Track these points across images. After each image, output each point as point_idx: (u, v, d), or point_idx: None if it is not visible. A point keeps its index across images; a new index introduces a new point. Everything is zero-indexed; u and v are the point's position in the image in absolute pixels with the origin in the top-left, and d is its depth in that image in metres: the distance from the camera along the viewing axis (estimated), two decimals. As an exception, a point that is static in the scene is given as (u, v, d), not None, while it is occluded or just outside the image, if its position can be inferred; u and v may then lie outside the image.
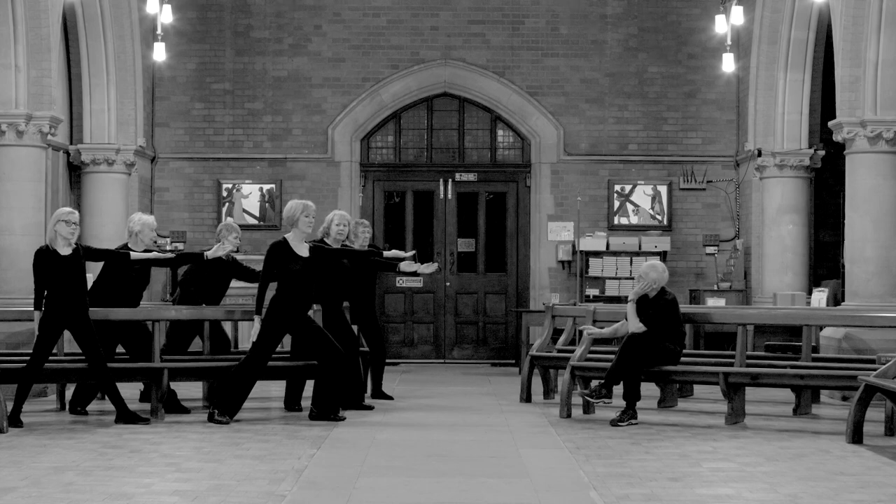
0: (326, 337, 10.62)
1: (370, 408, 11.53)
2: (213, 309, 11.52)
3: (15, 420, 10.00)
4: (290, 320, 10.55)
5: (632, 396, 10.53)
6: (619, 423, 10.34)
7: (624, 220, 17.53)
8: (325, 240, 11.43)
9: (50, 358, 10.46)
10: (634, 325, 10.76)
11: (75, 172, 16.29)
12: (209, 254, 11.28)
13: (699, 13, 17.46)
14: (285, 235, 10.74)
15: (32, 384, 10.56)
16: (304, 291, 10.59)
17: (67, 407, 11.26)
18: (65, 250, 10.22)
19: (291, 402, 11.44)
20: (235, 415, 10.46)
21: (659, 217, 17.54)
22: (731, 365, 10.94)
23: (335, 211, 11.74)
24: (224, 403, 10.43)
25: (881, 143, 12.77)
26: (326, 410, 10.55)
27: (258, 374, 10.68)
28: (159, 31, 16.15)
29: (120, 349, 11.32)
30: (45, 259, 10.18)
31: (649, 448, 9.13)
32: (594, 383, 10.91)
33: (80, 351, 10.54)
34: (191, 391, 11.94)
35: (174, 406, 11.07)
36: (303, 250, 10.61)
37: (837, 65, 13.02)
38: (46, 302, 10.21)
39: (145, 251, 11.16)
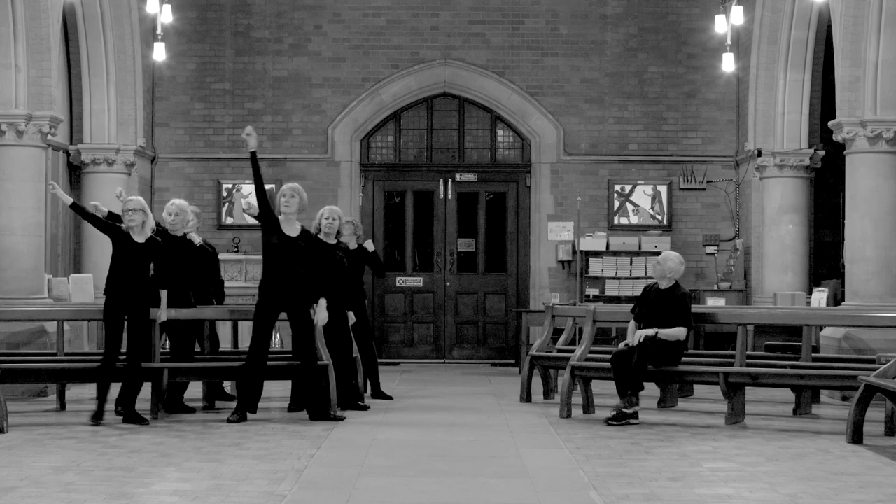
0: (309, 337, 10.63)
1: (366, 407, 11.49)
2: (213, 309, 11.52)
3: (99, 417, 10.08)
4: (275, 301, 10.60)
5: (634, 387, 10.44)
6: (625, 410, 10.29)
7: (624, 220, 17.53)
8: (318, 236, 11.44)
9: (50, 358, 10.45)
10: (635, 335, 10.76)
11: (75, 172, 16.29)
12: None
13: (699, 13, 17.46)
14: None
15: (110, 381, 10.38)
16: (285, 272, 10.64)
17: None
18: (139, 238, 10.29)
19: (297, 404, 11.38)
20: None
21: (659, 217, 17.53)
22: (731, 365, 10.93)
23: (326, 206, 11.85)
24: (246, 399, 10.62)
25: (881, 143, 12.77)
26: (324, 411, 10.53)
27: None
28: (159, 31, 16.16)
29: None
30: (122, 240, 10.22)
31: (649, 448, 9.13)
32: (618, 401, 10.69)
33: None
34: (191, 391, 11.92)
35: (178, 406, 11.05)
36: (292, 230, 10.69)
37: (837, 65, 13.02)
38: (108, 289, 10.25)
39: (184, 235, 11.22)
